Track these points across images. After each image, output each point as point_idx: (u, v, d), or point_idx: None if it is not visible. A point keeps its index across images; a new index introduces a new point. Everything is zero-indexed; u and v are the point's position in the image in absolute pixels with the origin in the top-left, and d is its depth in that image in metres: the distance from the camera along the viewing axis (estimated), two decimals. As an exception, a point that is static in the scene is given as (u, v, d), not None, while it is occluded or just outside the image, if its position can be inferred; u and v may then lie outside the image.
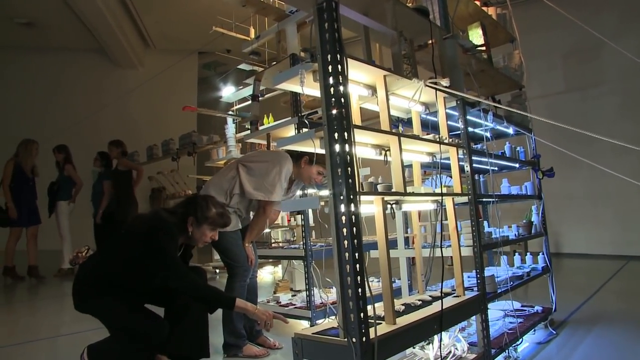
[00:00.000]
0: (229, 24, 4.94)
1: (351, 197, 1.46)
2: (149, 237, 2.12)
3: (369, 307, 1.48)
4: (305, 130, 1.79)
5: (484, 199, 2.71)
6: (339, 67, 1.50)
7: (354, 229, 1.45)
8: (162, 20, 10.87)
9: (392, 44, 2.12)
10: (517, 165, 3.26)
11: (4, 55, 11.53)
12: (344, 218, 1.46)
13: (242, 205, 2.71)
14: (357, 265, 1.45)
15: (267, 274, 6.20)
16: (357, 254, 1.45)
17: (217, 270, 6.19)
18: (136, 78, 12.01)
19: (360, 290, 1.44)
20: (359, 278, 1.44)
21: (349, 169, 1.47)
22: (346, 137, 1.48)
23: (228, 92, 5.03)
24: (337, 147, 1.48)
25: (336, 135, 1.48)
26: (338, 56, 1.50)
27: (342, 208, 1.46)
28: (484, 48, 2.89)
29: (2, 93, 11.48)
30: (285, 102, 4.84)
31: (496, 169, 3.36)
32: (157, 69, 11.26)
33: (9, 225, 5.75)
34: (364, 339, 1.43)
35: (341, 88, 1.50)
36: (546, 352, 2.52)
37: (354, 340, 1.43)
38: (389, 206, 1.84)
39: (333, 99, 1.49)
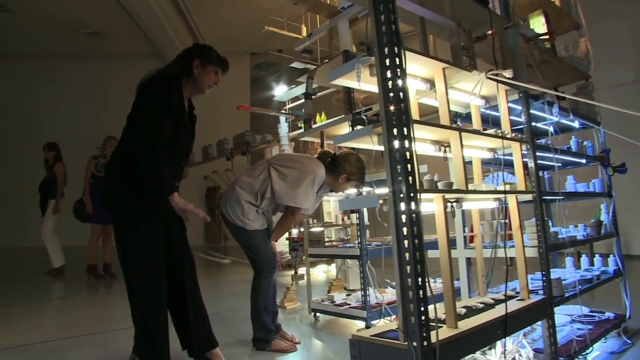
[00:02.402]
0: (281, 23, 4.98)
1: (411, 195, 1.41)
2: (139, 92, 2.08)
3: (430, 310, 1.42)
4: (359, 127, 1.76)
5: (549, 197, 2.56)
6: (397, 60, 1.45)
7: (415, 228, 1.40)
8: (215, 22, 11.19)
9: (451, 35, 2.03)
10: (583, 161, 3.05)
11: (72, 64, 12.51)
12: (404, 217, 1.41)
13: (271, 207, 2.76)
14: (418, 266, 1.39)
15: (320, 273, 6.22)
16: (418, 254, 1.39)
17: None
18: (191, 80, 12.42)
19: (421, 292, 1.39)
20: (419, 279, 1.39)
21: (409, 165, 1.42)
22: (405, 133, 1.43)
23: (280, 91, 5.09)
24: (396, 144, 1.42)
25: (395, 131, 1.43)
26: (395, 49, 1.45)
27: (402, 206, 1.41)
28: (547, 37, 2.73)
29: (72, 100, 12.40)
30: (337, 100, 4.82)
31: (560, 165, 3.17)
32: (210, 71, 11.58)
33: (87, 221, 5.79)
34: (425, 343, 1.37)
35: (399, 82, 1.44)
36: (621, 363, 2.34)
37: (414, 344, 1.37)
38: (448, 204, 1.77)
39: (391, 94, 1.44)
